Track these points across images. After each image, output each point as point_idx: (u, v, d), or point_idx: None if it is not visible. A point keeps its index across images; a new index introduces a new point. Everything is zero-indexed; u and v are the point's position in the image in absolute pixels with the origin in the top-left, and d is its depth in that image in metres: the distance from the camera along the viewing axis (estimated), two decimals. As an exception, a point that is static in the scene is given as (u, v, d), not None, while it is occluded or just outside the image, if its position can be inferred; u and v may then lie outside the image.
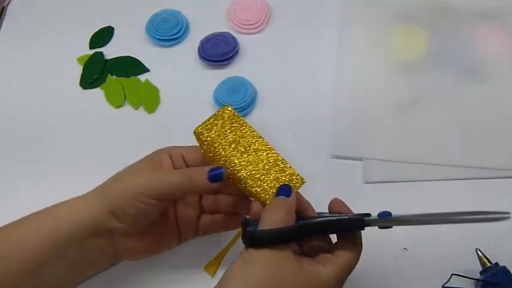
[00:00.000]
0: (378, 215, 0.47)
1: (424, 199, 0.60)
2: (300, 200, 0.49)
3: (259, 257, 0.44)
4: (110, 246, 0.51)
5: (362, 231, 0.48)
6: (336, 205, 0.49)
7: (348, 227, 0.48)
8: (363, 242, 0.48)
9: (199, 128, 0.52)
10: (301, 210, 0.48)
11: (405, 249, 0.57)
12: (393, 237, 0.58)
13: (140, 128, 0.66)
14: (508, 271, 0.52)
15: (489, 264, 0.53)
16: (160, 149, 0.53)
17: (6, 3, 0.76)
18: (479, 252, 0.54)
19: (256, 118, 0.66)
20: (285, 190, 0.48)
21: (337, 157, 0.63)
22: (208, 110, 0.66)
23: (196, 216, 0.54)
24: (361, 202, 0.60)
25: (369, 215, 0.48)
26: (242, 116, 0.65)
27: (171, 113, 0.67)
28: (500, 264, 0.53)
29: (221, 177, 0.50)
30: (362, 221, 0.47)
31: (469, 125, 0.63)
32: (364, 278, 0.56)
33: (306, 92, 0.67)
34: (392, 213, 0.48)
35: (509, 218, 0.45)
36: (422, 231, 0.58)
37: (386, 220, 0.47)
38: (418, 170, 0.61)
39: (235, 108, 0.64)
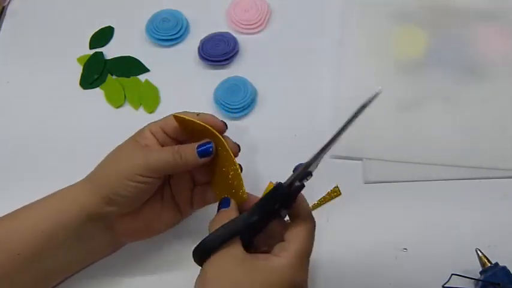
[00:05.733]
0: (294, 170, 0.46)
1: (424, 199, 0.60)
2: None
3: (208, 267, 0.44)
4: (108, 230, 0.52)
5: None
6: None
7: (275, 198, 0.45)
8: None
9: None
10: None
11: (405, 249, 0.57)
12: (393, 237, 0.58)
13: (140, 128, 0.66)
14: (508, 271, 0.52)
15: (489, 264, 0.53)
16: (141, 129, 0.54)
17: (6, 3, 0.76)
18: (479, 252, 0.54)
19: (256, 118, 0.66)
20: (225, 203, 0.49)
21: (337, 157, 0.63)
22: (208, 110, 0.66)
23: (190, 189, 0.55)
24: (361, 202, 0.60)
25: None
26: (242, 117, 0.65)
27: (171, 113, 0.67)
28: (500, 264, 0.53)
29: (210, 152, 0.50)
30: (281, 184, 0.45)
31: (469, 125, 0.63)
32: (364, 278, 0.56)
33: (306, 92, 0.67)
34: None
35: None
36: (423, 231, 0.58)
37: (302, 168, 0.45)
38: (418, 170, 0.61)
39: (235, 108, 0.65)
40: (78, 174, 0.53)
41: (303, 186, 0.46)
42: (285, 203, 0.46)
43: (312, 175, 0.46)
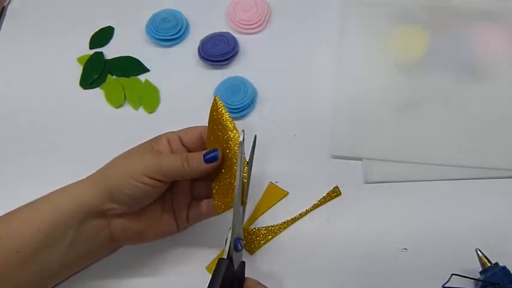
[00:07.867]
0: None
1: (424, 199, 0.60)
2: None
3: None
4: (107, 226, 0.52)
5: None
6: None
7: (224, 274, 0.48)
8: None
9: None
10: None
11: (405, 249, 0.57)
12: (393, 237, 0.58)
13: (140, 128, 0.66)
14: (508, 271, 0.52)
15: (489, 264, 0.53)
16: (159, 135, 0.54)
17: (6, 3, 0.76)
18: (479, 252, 0.54)
19: (256, 118, 0.66)
20: None
21: (337, 157, 0.63)
22: (208, 110, 0.66)
23: (188, 202, 0.55)
24: (361, 202, 0.60)
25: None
26: (242, 117, 0.66)
27: (171, 113, 0.67)
28: (500, 264, 0.53)
29: (216, 158, 0.51)
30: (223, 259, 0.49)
31: (469, 125, 0.63)
32: (364, 278, 0.56)
33: (306, 92, 0.67)
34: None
35: None
36: (423, 231, 0.58)
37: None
38: (418, 170, 0.61)
39: (235, 108, 0.65)
40: (78, 173, 0.53)
41: (244, 262, 0.51)
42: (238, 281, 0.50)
43: (243, 240, 0.51)
